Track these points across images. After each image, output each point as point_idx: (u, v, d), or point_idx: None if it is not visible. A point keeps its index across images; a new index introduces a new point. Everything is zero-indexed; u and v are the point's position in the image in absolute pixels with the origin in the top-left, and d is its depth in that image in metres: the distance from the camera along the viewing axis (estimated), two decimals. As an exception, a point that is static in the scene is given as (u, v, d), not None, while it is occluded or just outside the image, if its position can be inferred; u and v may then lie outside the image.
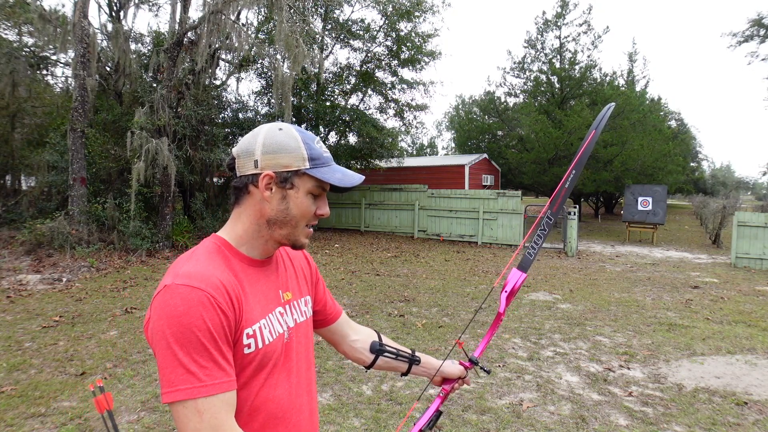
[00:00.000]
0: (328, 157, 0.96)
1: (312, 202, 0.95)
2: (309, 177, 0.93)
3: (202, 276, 0.83)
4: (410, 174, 19.08)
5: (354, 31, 14.04)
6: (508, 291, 1.26)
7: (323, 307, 1.20)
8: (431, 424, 1.20)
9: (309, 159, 0.93)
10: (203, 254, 0.90)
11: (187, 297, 0.79)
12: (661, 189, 14.82)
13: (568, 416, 3.26)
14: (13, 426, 2.96)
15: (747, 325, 5.65)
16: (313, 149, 0.95)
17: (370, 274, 8.56)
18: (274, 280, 1.01)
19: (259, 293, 0.94)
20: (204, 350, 0.78)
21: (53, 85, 13.34)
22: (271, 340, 0.92)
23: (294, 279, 1.09)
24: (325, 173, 0.94)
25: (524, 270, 1.28)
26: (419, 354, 1.29)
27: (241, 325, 0.86)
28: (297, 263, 1.13)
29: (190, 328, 0.77)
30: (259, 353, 0.89)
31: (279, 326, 0.96)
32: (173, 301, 0.79)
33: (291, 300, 1.04)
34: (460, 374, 1.30)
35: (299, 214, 0.94)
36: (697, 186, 36.07)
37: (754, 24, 17.65)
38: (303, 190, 0.94)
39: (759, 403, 3.52)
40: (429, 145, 49.76)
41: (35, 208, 10.67)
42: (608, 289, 7.65)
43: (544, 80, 20.70)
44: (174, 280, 0.81)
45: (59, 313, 5.53)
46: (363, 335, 1.27)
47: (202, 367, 0.78)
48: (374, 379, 3.81)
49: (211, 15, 9.50)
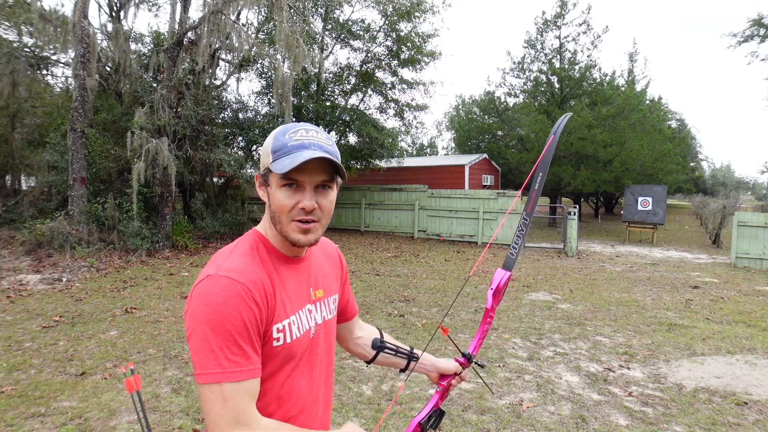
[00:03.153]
0: (295, 145, 0.92)
1: (286, 195, 0.93)
2: (273, 171, 0.93)
3: (242, 270, 0.89)
4: (410, 174, 19.08)
5: (354, 32, 14.04)
6: (493, 289, 1.32)
7: (345, 305, 1.27)
8: (433, 423, 1.21)
9: (272, 153, 0.94)
10: (244, 249, 0.96)
11: (227, 288, 0.85)
12: (661, 189, 14.82)
13: (568, 416, 3.26)
14: (13, 426, 2.96)
15: (747, 325, 5.65)
16: (278, 141, 0.94)
17: (370, 274, 8.56)
18: (306, 278, 1.05)
19: (291, 290, 0.99)
20: (234, 340, 0.84)
21: (53, 85, 13.35)
22: (298, 336, 0.97)
23: (326, 277, 1.13)
24: (278, 163, 0.91)
25: (508, 269, 1.34)
26: (418, 351, 1.33)
27: (273, 320, 0.92)
28: (331, 262, 1.20)
29: (226, 318, 0.83)
30: (285, 347, 0.94)
31: (307, 323, 1.01)
32: (214, 290, 0.85)
33: (322, 297, 1.09)
34: (456, 370, 1.32)
35: (277, 210, 0.94)
36: (697, 186, 36.05)
37: (754, 24, 17.66)
38: (274, 184, 0.94)
39: (759, 403, 3.52)
40: (429, 145, 49.72)
41: (35, 208, 10.67)
42: (608, 289, 7.65)
43: (544, 80, 20.69)
44: (217, 271, 0.88)
45: (59, 313, 5.53)
46: (366, 332, 1.34)
47: (232, 354, 0.83)
48: (374, 379, 3.81)
49: (211, 15, 9.50)
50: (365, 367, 4.03)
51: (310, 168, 0.92)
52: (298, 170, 0.90)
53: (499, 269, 1.35)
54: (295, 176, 0.91)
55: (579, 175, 17.77)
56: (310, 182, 0.93)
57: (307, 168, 0.91)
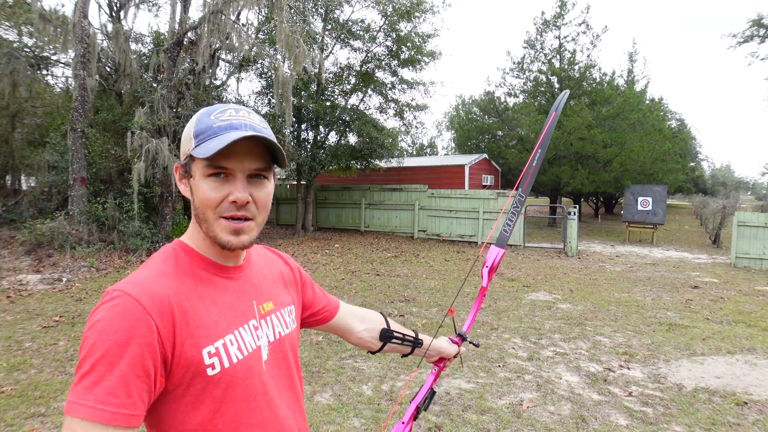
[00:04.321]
0: (222, 126, 0.77)
1: (212, 187, 0.77)
2: (196, 158, 0.78)
3: (139, 282, 0.74)
4: (410, 174, 19.08)
5: (354, 32, 14.03)
6: (489, 266, 1.34)
7: (315, 307, 1.12)
8: (426, 404, 1.23)
9: (194, 137, 0.78)
10: (156, 259, 0.82)
11: (115, 303, 0.70)
12: (661, 189, 14.83)
13: (568, 416, 3.26)
14: (13, 426, 2.96)
15: (747, 325, 5.65)
16: (202, 123, 0.79)
17: (370, 274, 8.56)
18: (246, 290, 0.87)
19: (224, 304, 0.82)
20: (108, 365, 0.66)
21: (53, 85, 13.36)
22: (240, 358, 0.80)
23: (274, 287, 0.96)
24: (202, 147, 0.76)
25: (501, 246, 1.36)
26: (422, 336, 1.31)
27: (197, 343, 0.75)
28: (276, 269, 1.01)
29: (102, 337, 0.68)
30: (225, 374, 0.77)
31: (253, 341, 0.84)
32: (102, 306, 0.71)
33: (272, 311, 0.91)
34: (455, 352, 1.34)
35: (201, 204, 0.78)
36: (697, 186, 36.07)
37: (754, 24, 17.65)
38: (198, 174, 0.78)
39: (759, 403, 3.52)
40: (429, 145, 49.76)
41: (35, 208, 10.67)
42: (608, 289, 7.65)
43: (544, 80, 20.69)
44: (114, 285, 0.75)
45: (59, 313, 5.53)
46: (370, 323, 1.22)
47: (95, 383, 0.66)
48: (374, 379, 3.81)
49: (211, 15, 9.50)
50: (365, 367, 4.03)
51: (242, 152, 0.77)
52: (227, 155, 0.75)
53: (493, 246, 1.37)
54: (223, 163, 0.76)
55: (578, 175, 17.77)
56: (242, 170, 0.78)
57: (237, 152, 0.76)
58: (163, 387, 0.74)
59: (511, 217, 1.37)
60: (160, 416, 0.77)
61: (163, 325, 0.72)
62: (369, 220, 15.48)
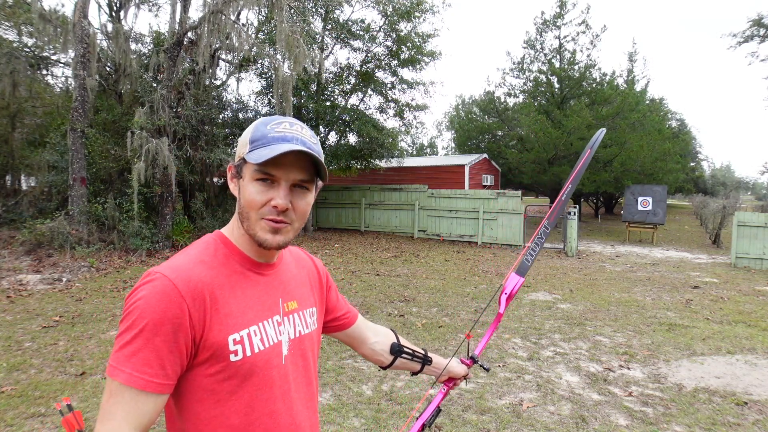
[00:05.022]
0: (276, 137, 0.85)
1: (258, 190, 0.85)
2: (248, 162, 0.86)
3: (178, 267, 0.82)
4: (410, 174, 19.09)
5: (354, 32, 14.04)
6: (507, 294, 1.34)
7: (337, 312, 1.17)
8: (431, 421, 1.24)
9: (249, 142, 0.86)
10: (196, 247, 0.90)
11: (154, 285, 0.79)
12: (661, 189, 14.83)
13: (568, 416, 3.26)
14: (13, 426, 2.96)
15: (747, 325, 5.65)
16: (258, 131, 0.86)
17: (370, 274, 8.56)
18: (275, 287, 0.94)
19: (252, 297, 0.89)
20: (145, 339, 0.76)
21: (53, 85, 13.34)
22: (262, 349, 0.87)
23: (300, 288, 1.02)
24: (254, 153, 0.83)
25: (522, 275, 1.36)
26: (431, 354, 1.32)
27: (225, 329, 0.83)
28: (306, 271, 1.07)
29: (145, 315, 0.77)
30: (246, 362, 0.84)
31: (275, 335, 0.90)
32: (143, 286, 0.80)
33: (295, 310, 0.98)
34: (465, 373, 1.34)
35: (246, 204, 0.86)
36: (697, 186, 36.06)
37: (754, 24, 17.65)
38: (247, 177, 0.86)
39: (759, 403, 3.52)
40: (429, 145, 49.78)
41: (35, 208, 10.67)
42: (608, 289, 7.65)
43: (544, 80, 20.69)
44: (155, 268, 0.83)
45: (59, 313, 5.53)
46: (382, 336, 1.27)
47: (134, 353, 0.76)
48: (374, 379, 3.81)
49: (211, 15, 9.50)
50: (365, 367, 4.03)
51: (288, 163, 0.84)
52: (275, 164, 0.83)
53: (513, 274, 1.36)
54: (271, 170, 0.83)
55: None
56: (286, 179, 0.85)
57: (285, 162, 0.83)
58: (190, 364, 0.82)
59: (534, 248, 1.38)
60: (181, 393, 0.85)
61: (194, 309, 0.80)
62: (369, 220, 15.48)
